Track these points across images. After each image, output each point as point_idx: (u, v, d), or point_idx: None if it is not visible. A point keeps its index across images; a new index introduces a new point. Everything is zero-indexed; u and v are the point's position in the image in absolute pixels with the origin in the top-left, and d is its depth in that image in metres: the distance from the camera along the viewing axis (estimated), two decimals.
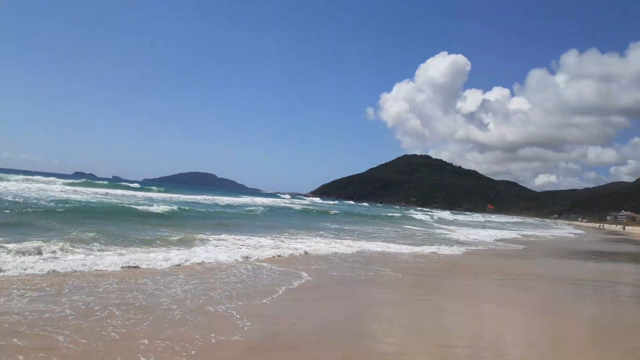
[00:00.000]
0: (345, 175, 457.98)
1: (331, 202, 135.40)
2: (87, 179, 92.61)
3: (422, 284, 12.28)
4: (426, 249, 21.14)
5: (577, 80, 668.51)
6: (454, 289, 11.80)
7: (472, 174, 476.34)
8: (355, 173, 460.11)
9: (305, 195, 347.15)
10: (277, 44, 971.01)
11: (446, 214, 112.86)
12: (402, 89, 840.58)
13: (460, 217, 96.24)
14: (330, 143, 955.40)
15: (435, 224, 50.54)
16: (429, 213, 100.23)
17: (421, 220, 59.59)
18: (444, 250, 21.62)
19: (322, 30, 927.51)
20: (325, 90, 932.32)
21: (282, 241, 18.66)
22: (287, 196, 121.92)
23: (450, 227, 45.98)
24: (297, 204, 64.82)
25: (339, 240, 21.17)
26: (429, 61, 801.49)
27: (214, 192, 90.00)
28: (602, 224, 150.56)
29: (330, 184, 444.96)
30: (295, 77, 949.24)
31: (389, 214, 62.21)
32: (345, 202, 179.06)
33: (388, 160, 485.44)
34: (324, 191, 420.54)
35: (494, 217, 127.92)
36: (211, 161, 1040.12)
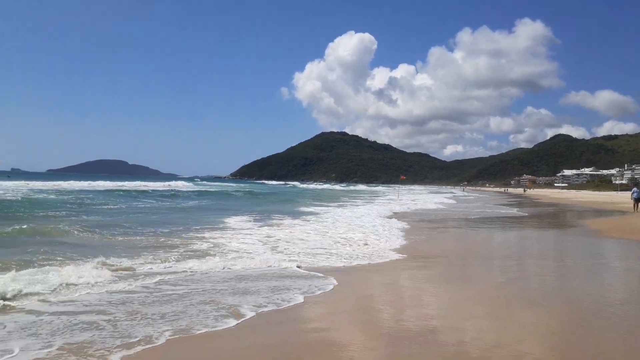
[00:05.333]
0: (265, 156, 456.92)
1: (271, 183, 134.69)
2: None
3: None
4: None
5: (472, 56, 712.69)
6: None
7: (387, 147, 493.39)
8: (275, 152, 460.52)
9: (225, 178, 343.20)
10: (190, 28, 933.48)
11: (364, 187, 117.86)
12: (313, 68, 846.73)
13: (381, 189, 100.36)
14: (247, 124, 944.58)
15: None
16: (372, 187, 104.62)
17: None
18: None
19: (232, 11, 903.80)
20: (239, 72, 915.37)
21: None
22: (202, 180, 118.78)
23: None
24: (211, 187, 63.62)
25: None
26: (337, 40, 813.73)
27: (119, 179, 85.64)
28: (506, 189, 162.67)
29: (251, 164, 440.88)
30: (208, 59, 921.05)
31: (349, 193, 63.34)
32: (268, 182, 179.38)
33: (307, 139, 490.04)
34: (244, 172, 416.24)
35: (406, 188, 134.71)
36: (121, 147, 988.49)
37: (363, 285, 8.03)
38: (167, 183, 69.90)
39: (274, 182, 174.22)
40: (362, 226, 17.42)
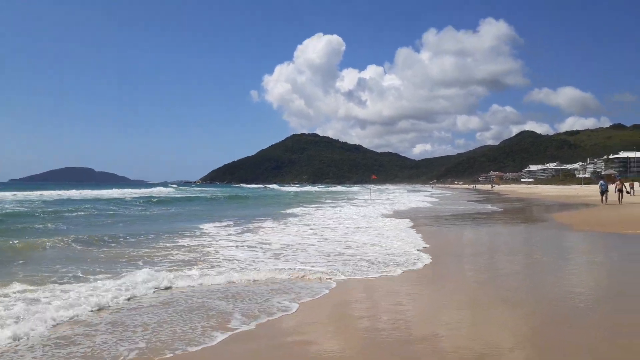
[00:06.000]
0: (235, 159, 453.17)
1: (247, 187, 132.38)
2: None
3: None
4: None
5: (438, 56, 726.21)
6: None
7: (358, 148, 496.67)
8: (246, 156, 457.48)
9: (195, 183, 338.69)
10: (157, 29, 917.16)
11: (341, 188, 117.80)
12: (283, 70, 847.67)
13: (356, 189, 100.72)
14: (218, 128, 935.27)
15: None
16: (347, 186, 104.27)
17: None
18: None
19: (200, 14, 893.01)
20: (208, 75, 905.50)
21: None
22: (174, 185, 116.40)
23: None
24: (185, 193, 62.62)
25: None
26: (306, 42, 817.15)
27: (85, 187, 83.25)
28: (474, 185, 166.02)
29: (221, 168, 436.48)
30: (176, 63, 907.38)
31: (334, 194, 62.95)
32: (246, 185, 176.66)
33: (278, 141, 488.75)
34: (214, 177, 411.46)
35: (378, 187, 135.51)
36: (87, 155, 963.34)
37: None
38: (148, 189, 69.36)
39: (252, 185, 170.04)
40: (371, 227, 17.14)
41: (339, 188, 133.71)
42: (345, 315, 6.18)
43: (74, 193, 50.01)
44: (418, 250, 11.42)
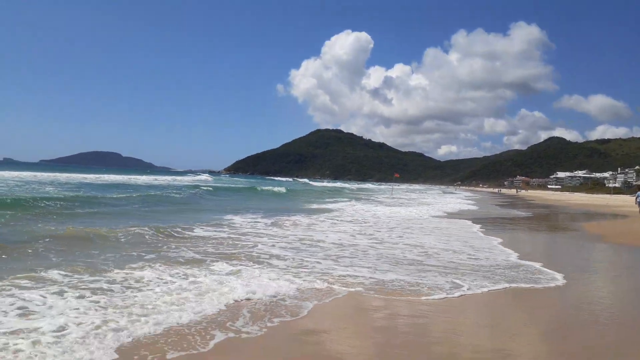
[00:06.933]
0: (259, 151, 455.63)
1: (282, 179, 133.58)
2: None
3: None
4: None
5: (467, 58, 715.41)
6: None
7: (382, 146, 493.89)
8: (269, 148, 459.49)
9: (219, 172, 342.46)
10: (187, 23, 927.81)
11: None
12: (309, 66, 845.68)
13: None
14: (242, 120, 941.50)
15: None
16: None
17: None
18: None
19: (230, 8, 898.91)
20: (236, 67, 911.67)
21: None
22: (205, 175, 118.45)
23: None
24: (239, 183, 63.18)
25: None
26: (334, 38, 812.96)
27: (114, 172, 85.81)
28: (500, 189, 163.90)
29: (245, 159, 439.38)
30: (205, 55, 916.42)
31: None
32: (275, 178, 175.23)
33: (302, 135, 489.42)
34: (238, 167, 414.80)
35: (402, 187, 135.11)
36: (115, 139, 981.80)
37: None
38: (193, 177, 73.93)
39: (280, 178, 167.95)
40: (424, 227, 17.08)
41: (369, 185, 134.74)
42: None
43: (123, 178, 53.45)
44: (520, 259, 10.53)
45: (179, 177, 71.74)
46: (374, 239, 13.23)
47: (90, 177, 48.78)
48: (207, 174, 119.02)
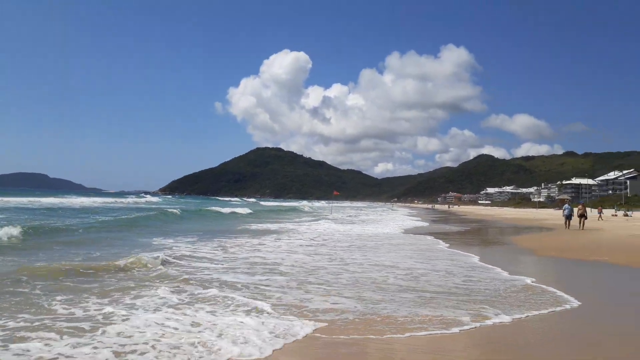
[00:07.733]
0: (196, 170, 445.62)
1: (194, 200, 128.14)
2: None
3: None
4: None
5: (401, 79, 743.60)
6: None
7: (322, 164, 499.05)
8: (207, 167, 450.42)
9: (154, 193, 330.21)
10: (121, 36, 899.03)
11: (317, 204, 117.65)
12: (248, 84, 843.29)
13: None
14: (177, 138, 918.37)
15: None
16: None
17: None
18: None
19: (167, 22, 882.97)
20: (172, 84, 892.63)
21: None
22: (149, 195, 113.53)
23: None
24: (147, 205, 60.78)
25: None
26: (272, 57, 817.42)
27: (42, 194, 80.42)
28: (433, 205, 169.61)
29: (182, 179, 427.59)
30: (139, 69, 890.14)
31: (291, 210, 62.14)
32: (221, 198, 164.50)
33: (241, 154, 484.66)
34: (174, 187, 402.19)
35: (342, 205, 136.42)
36: (41, 160, 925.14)
37: None
38: (137, 198, 70.61)
39: (227, 198, 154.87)
40: (386, 245, 16.80)
41: (320, 203, 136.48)
42: None
43: (77, 201, 51.22)
44: (516, 279, 9.74)
45: (119, 199, 67.49)
46: (342, 262, 12.20)
47: (23, 201, 43.58)
48: (149, 195, 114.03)
